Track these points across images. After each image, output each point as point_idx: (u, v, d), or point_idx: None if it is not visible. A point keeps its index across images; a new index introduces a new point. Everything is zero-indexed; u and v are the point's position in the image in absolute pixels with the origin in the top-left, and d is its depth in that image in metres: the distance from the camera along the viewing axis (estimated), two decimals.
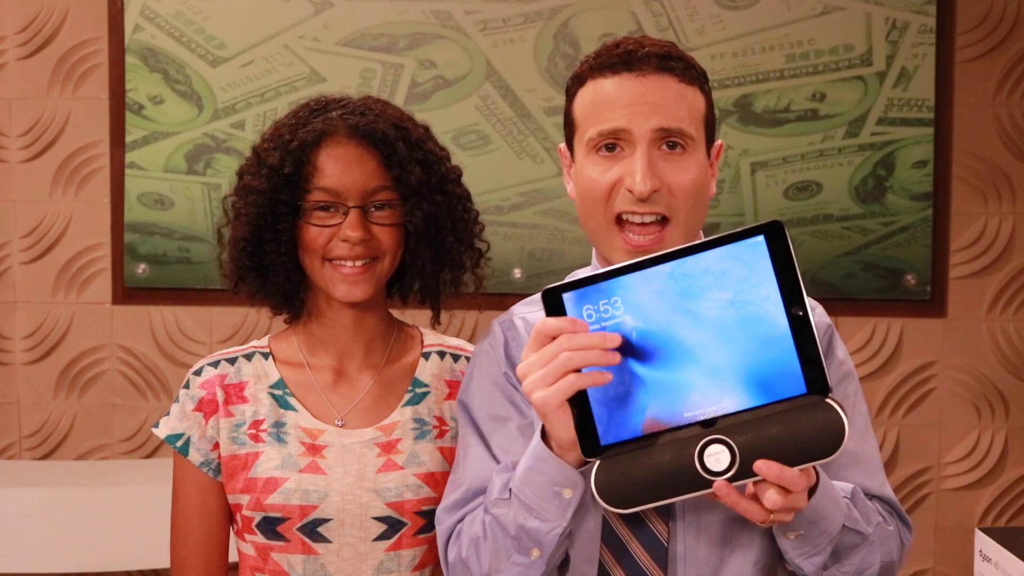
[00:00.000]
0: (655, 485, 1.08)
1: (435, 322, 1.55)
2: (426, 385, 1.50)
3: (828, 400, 1.03)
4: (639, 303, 1.07)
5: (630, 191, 1.26)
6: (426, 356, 1.53)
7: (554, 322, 1.10)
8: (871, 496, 1.32)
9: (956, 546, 3.04)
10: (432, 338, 1.56)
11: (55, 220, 3.08)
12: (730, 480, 1.06)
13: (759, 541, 1.30)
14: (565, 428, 1.12)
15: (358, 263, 1.41)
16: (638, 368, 1.08)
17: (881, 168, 2.98)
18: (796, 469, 1.05)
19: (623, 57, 1.29)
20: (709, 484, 1.06)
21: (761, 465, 1.04)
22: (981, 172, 2.99)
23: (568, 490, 1.17)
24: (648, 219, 1.27)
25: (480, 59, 3.00)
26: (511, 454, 1.31)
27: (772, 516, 1.09)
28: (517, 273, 3.00)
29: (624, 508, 1.10)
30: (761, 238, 1.03)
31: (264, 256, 1.43)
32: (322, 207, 1.40)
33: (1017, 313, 3.02)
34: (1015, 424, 3.04)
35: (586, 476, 1.15)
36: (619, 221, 1.29)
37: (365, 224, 1.40)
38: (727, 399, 1.05)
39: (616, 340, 1.07)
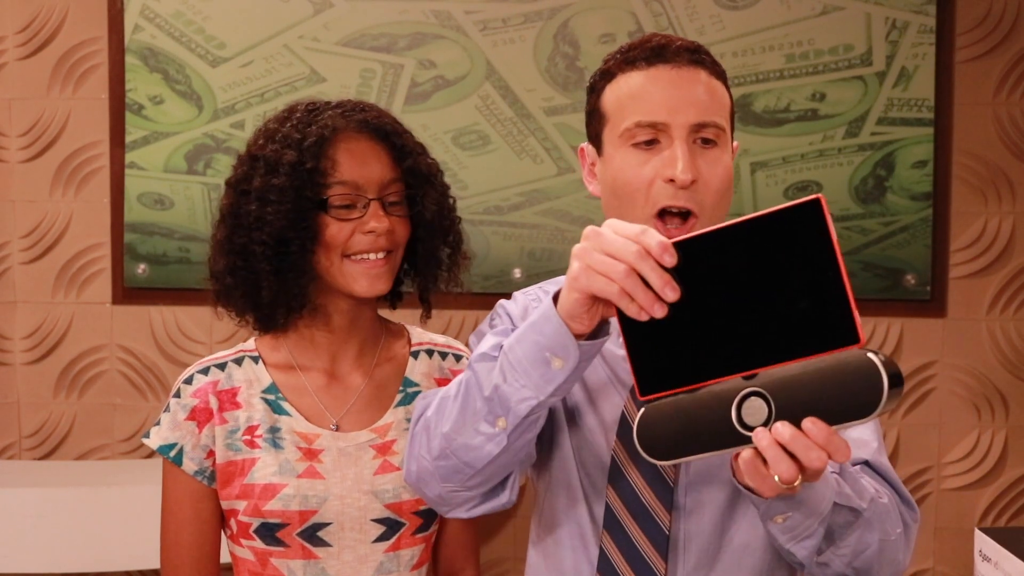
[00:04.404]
0: (694, 437, 1.05)
1: (426, 316, 1.53)
2: (417, 384, 1.50)
3: (869, 354, 0.96)
4: (695, 266, 1.04)
5: (671, 180, 1.27)
6: (415, 355, 1.52)
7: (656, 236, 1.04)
8: (863, 464, 1.26)
9: (956, 546, 3.04)
10: (419, 336, 1.55)
11: (55, 220, 3.08)
12: None
13: (758, 529, 1.29)
14: (579, 304, 1.08)
15: (380, 255, 1.40)
16: (686, 322, 1.05)
17: (881, 168, 2.98)
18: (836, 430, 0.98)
19: (656, 50, 1.31)
20: (745, 440, 1.01)
21: (810, 424, 0.96)
22: (981, 172, 2.99)
23: (558, 360, 1.12)
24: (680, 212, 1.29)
25: (480, 59, 3.00)
26: None
27: (784, 487, 0.99)
28: (517, 273, 2.99)
29: (665, 459, 1.08)
30: (806, 207, 0.98)
31: (286, 257, 1.39)
32: (343, 204, 1.39)
33: (1017, 313, 3.02)
34: (1015, 424, 3.03)
35: (586, 359, 1.13)
36: (659, 215, 1.29)
37: (386, 215, 1.41)
38: (769, 352, 1.00)
39: (675, 294, 1.03)
